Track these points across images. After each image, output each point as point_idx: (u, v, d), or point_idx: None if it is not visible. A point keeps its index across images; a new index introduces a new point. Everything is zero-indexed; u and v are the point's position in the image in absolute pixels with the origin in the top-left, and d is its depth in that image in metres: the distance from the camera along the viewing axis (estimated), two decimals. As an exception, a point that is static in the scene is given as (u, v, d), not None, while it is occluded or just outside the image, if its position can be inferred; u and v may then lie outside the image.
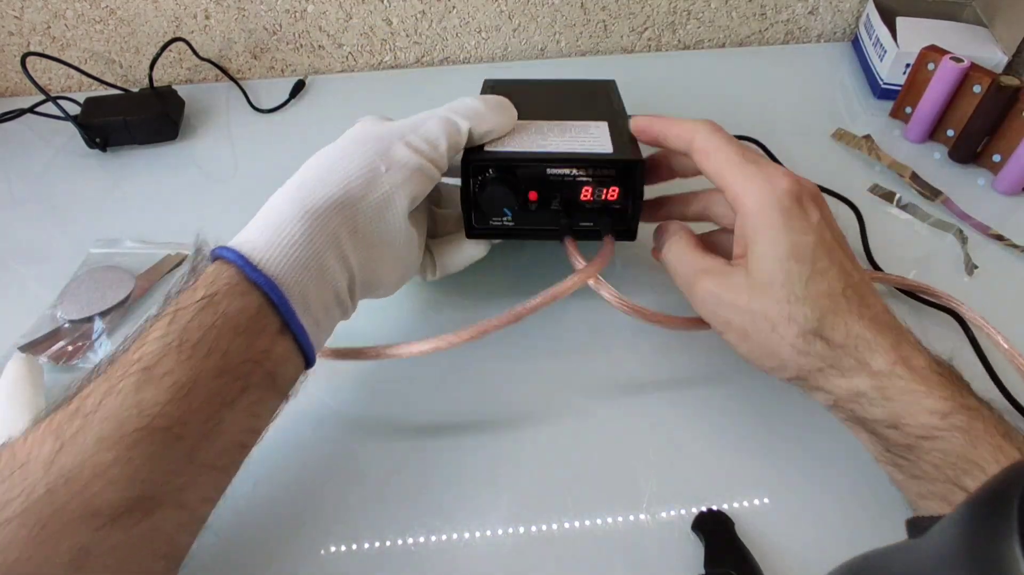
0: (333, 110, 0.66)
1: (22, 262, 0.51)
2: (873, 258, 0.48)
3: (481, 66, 0.71)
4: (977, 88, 0.53)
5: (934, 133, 0.58)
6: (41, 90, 0.58)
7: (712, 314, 0.36)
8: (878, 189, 0.54)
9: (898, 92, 0.60)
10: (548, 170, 0.39)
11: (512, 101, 0.41)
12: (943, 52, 0.55)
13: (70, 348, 0.44)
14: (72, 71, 0.64)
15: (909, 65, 0.59)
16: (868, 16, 0.66)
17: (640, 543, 0.35)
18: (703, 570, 0.33)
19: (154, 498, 0.27)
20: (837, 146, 0.58)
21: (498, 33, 0.70)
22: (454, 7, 0.67)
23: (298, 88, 0.67)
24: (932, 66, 0.56)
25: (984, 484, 0.17)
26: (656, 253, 0.41)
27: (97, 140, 0.59)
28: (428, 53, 0.71)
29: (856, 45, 0.70)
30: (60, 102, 0.58)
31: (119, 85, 0.64)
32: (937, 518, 0.18)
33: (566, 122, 0.42)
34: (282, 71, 0.71)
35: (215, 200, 0.56)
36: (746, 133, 0.57)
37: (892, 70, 0.61)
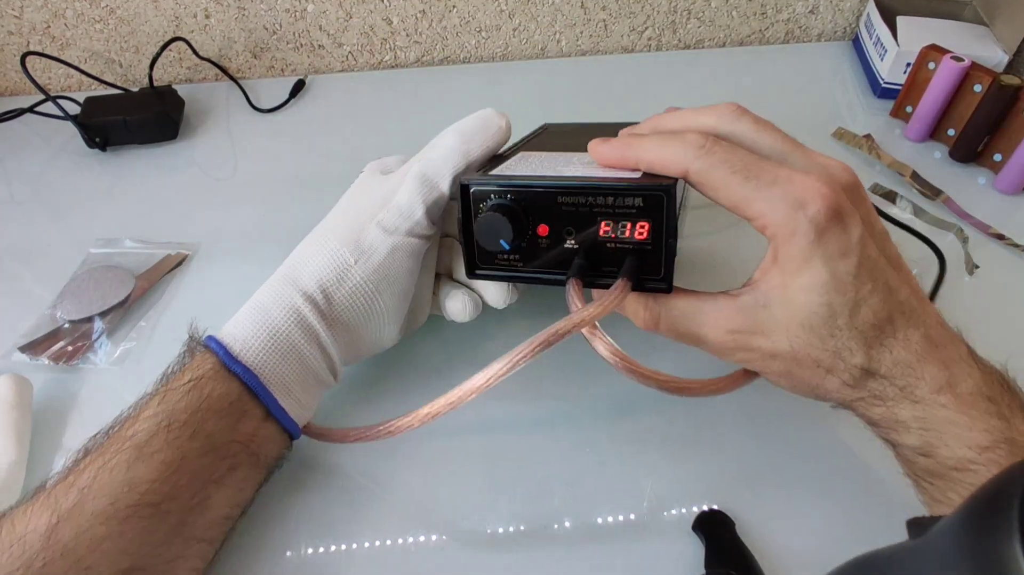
0: (333, 110, 0.65)
1: (22, 262, 0.51)
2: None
3: (481, 65, 0.71)
4: (978, 87, 0.53)
5: (935, 132, 0.58)
6: (41, 90, 0.58)
7: (746, 363, 0.32)
8: (879, 188, 0.54)
9: (899, 91, 0.60)
10: (560, 198, 0.33)
11: (564, 144, 0.38)
12: (944, 51, 0.55)
13: (70, 348, 0.44)
14: (72, 71, 0.64)
15: (910, 64, 0.59)
16: (869, 15, 0.66)
17: (640, 543, 0.35)
18: (703, 570, 0.33)
19: (144, 569, 0.29)
20: (838, 145, 0.58)
21: (498, 32, 0.69)
22: (454, 6, 0.67)
23: (298, 88, 0.67)
24: (933, 65, 0.56)
25: (984, 484, 0.17)
26: (649, 322, 0.33)
27: (97, 140, 0.59)
28: (428, 52, 0.71)
29: (857, 44, 0.69)
30: (60, 102, 0.58)
31: (119, 85, 0.65)
32: (938, 518, 0.18)
33: None
34: (282, 71, 0.71)
35: (215, 200, 0.56)
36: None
37: (893, 69, 0.61)
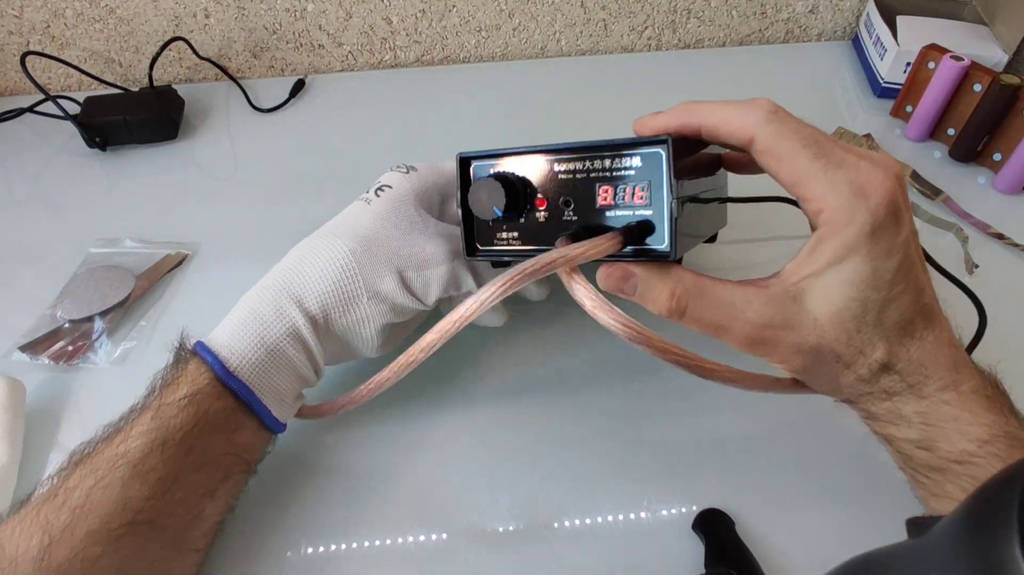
0: (333, 109, 0.65)
1: (22, 262, 0.51)
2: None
3: (481, 65, 0.71)
4: (977, 87, 0.53)
5: (934, 132, 0.58)
6: (41, 89, 0.58)
7: (768, 357, 0.31)
8: (878, 188, 0.54)
9: (898, 91, 0.60)
10: (556, 166, 0.32)
11: None
12: (943, 51, 0.55)
13: (70, 348, 0.44)
14: (72, 70, 0.64)
15: (909, 64, 0.59)
16: (868, 15, 0.66)
17: (640, 543, 0.35)
18: (703, 569, 0.33)
19: None
20: (837, 145, 0.58)
21: (498, 32, 0.69)
22: (454, 6, 0.67)
23: (298, 87, 0.67)
24: (932, 65, 0.56)
25: (984, 484, 0.17)
26: (674, 310, 0.30)
27: (97, 139, 0.59)
28: (428, 52, 0.71)
29: (856, 44, 0.69)
30: (60, 101, 0.58)
31: (119, 84, 0.64)
32: (937, 518, 0.18)
33: None
34: (282, 70, 0.71)
35: (215, 200, 0.56)
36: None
37: (892, 69, 0.61)
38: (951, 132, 0.57)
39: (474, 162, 0.34)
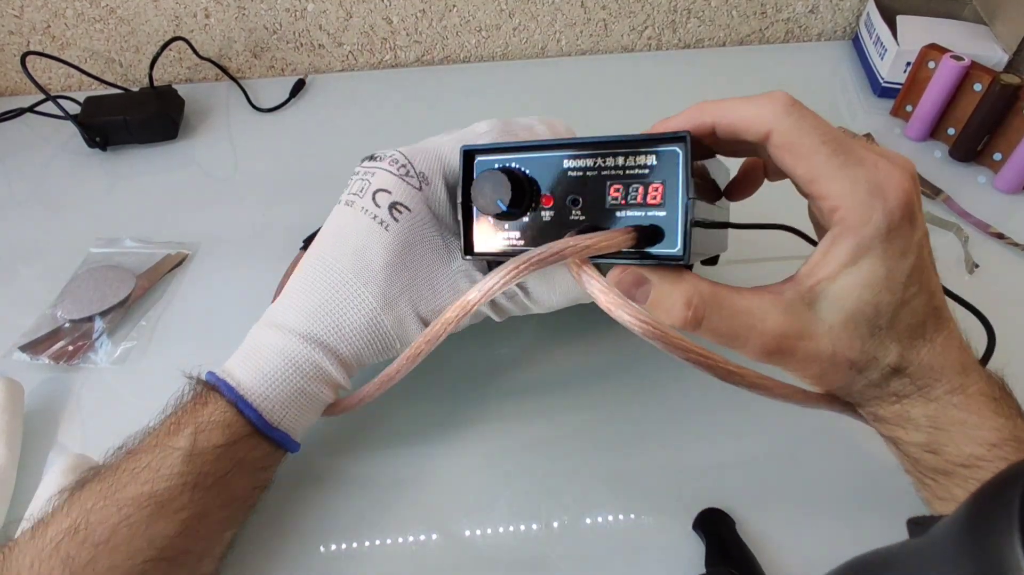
0: (333, 109, 0.65)
1: (22, 262, 0.51)
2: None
3: (481, 65, 0.71)
4: (978, 86, 0.53)
5: (935, 131, 0.58)
6: (41, 89, 0.58)
7: (783, 366, 0.30)
8: (879, 188, 0.54)
9: (899, 90, 0.60)
10: (565, 162, 0.31)
11: None
12: (943, 50, 0.55)
13: (70, 348, 0.44)
14: (72, 70, 0.64)
15: (910, 63, 0.59)
16: (868, 14, 0.66)
17: (640, 543, 0.35)
18: (704, 569, 0.33)
19: None
20: (837, 145, 0.58)
21: (498, 32, 0.69)
22: (454, 6, 0.67)
23: (298, 87, 0.67)
24: (933, 64, 0.56)
25: (984, 484, 0.17)
26: (690, 320, 0.28)
27: (97, 139, 0.59)
28: (428, 52, 0.71)
29: (856, 43, 0.69)
30: (60, 101, 0.58)
31: (119, 84, 0.64)
32: (938, 518, 0.18)
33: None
34: (282, 70, 0.71)
35: (215, 199, 0.56)
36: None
37: (892, 68, 0.61)
38: (951, 132, 0.57)
39: (478, 156, 0.33)
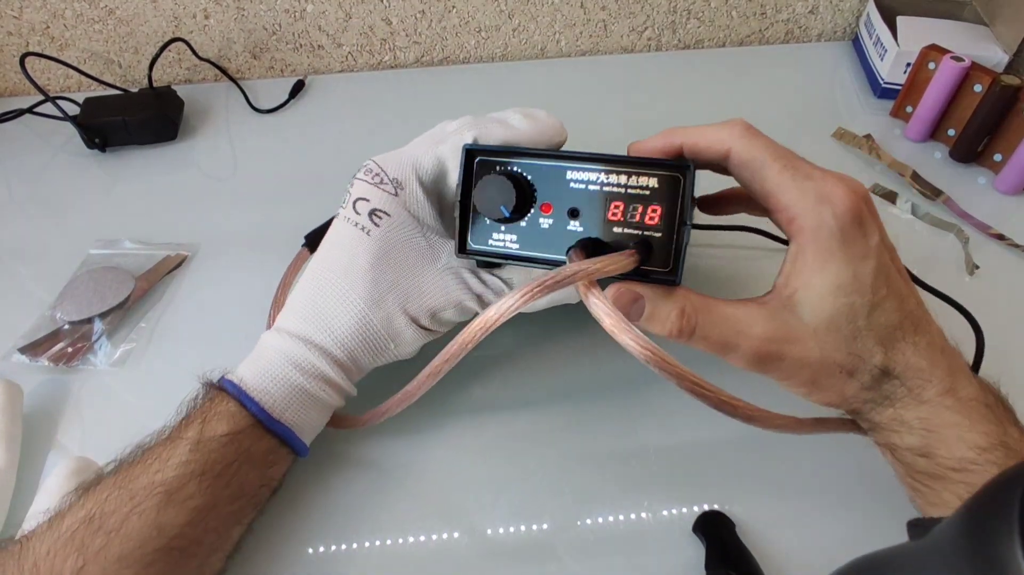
0: (333, 110, 0.65)
1: (21, 263, 0.51)
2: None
3: (481, 66, 0.71)
4: (978, 87, 0.53)
5: (935, 132, 0.58)
6: (40, 90, 0.58)
7: (774, 374, 0.31)
8: (879, 189, 0.54)
9: (899, 91, 0.60)
10: (568, 173, 0.32)
11: None
12: (944, 51, 0.55)
13: (70, 350, 0.44)
14: (71, 71, 0.64)
15: (910, 64, 0.59)
16: (868, 15, 0.66)
17: (640, 543, 0.35)
18: (704, 571, 0.33)
19: None
20: (838, 146, 0.58)
21: (498, 33, 0.69)
22: (454, 6, 0.67)
23: (297, 88, 0.67)
24: (933, 65, 0.56)
25: (984, 485, 0.17)
26: (685, 329, 0.30)
27: (96, 140, 0.59)
28: (428, 53, 0.71)
29: (856, 44, 0.69)
30: (59, 102, 0.58)
31: (118, 85, 0.64)
32: (938, 519, 0.18)
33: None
34: (281, 71, 0.71)
35: (214, 200, 0.56)
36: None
37: (893, 69, 0.61)
38: (951, 132, 0.57)
39: (480, 156, 0.33)
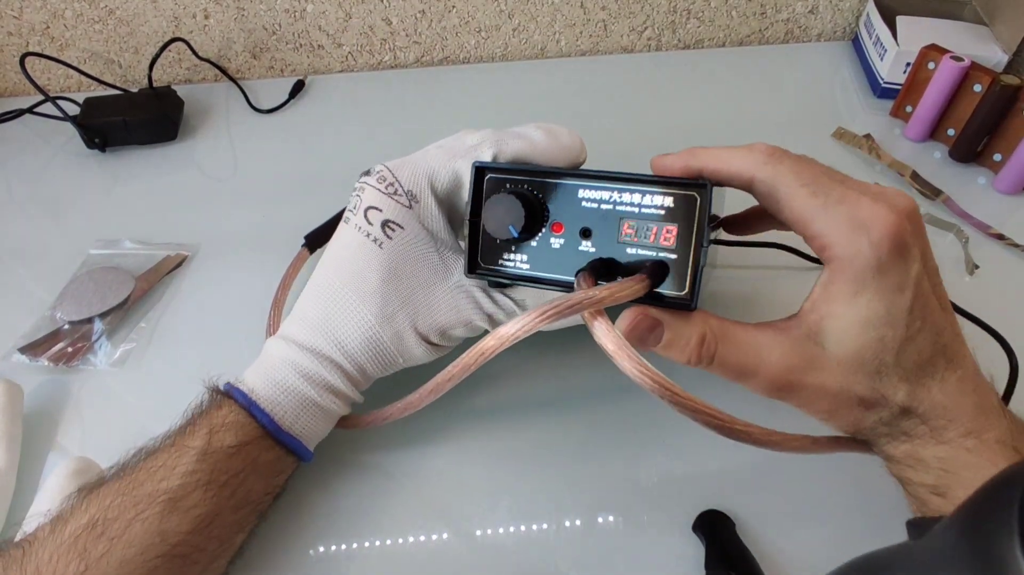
0: (333, 110, 0.65)
1: (21, 263, 0.51)
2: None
3: (481, 66, 0.71)
4: (977, 87, 0.53)
5: (934, 132, 0.58)
6: (40, 90, 0.58)
7: (792, 401, 0.30)
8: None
9: (898, 91, 0.60)
10: (580, 192, 0.31)
11: None
12: (943, 51, 0.55)
13: (70, 350, 0.44)
14: (71, 71, 0.64)
15: (909, 64, 0.59)
16: (868, 15, 0.66)
17: (640, 543, 0.35)
18: (704, 571, 0.33)
19: None
20: (837, 145, 0.58)
21: (498, 32, 0.69)
22: (454, 6, 0.67)
23: (297, 88, 0.67)
24: (932, 65, 0.56)
25: (984, 484, 0.17)
26: (704, 354, 0.29)
27: (96, 140, 0.59)
28: (428, 53, 0.71)
29: (856, 44, 0.69)
30: (59, 102, 0.58)
31: (118, 85, 0.64)
32: (937, 519, 0.18)
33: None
34: (281, 71, 0.71)
35: (215, 200, 0.56)
36: (747, 133, 0.57)
37: (892, 69, 0.61)
38: (951, 132, 0.57)
39: (490, 173, 0.32)
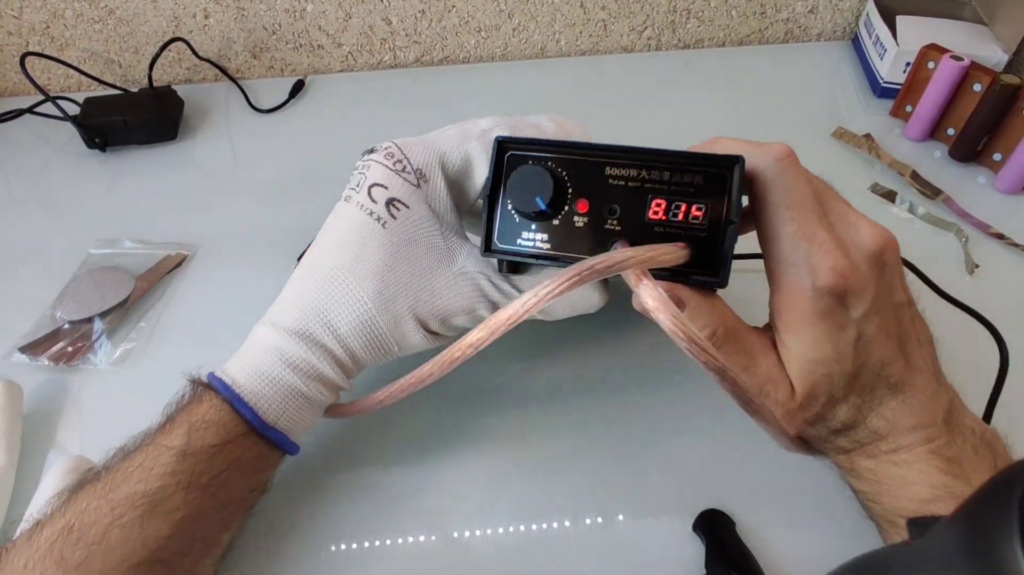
0: (333, 110, 0.65)
1: (21, 262, 0.51)
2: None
3: (481, 65, 0.71)
4: (977, 87, 0.53)
5: (934, 132, 0.58)
6: (40, 90, 0.58)
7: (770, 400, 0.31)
8: (878, 188, 0.54)
9: (898, 91, 0.60)
10: (608, 169, 0.29)
11: None
12: (943, 51, 0.55)
13: (70, 349, 0.44)
14: (71, 71, 0.64)
15: (909, 64, 0.59)
16: (868, 15, 0.66)
17: (640, 543, 0.35)
18: (704, 570, 0.33)
19: None
20: (837, 145, 0.58)
21: (498, 32, 0.69)
22: (453, 6, 0.67)
23: (297, 88, 0.67)
24: (932, 65, 0.56)
25: (984, 484, 0.17)
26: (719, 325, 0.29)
27: (96, 140, 0.59)
28: (428, 52, 0.71)
29: (856, 44, 0.69)
30: (59, 102, 0.58)
31: (118, 85, 0.64)
32: (937, 518, 0.18)
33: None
34: (281, 71, 0.71)
35: (215, 200, 0.56)
36: (746, 133, 0.57)
37: (892, 69, 0.61)
38: (951, 132, 0.57)
39: (512, 149, 0.31)
